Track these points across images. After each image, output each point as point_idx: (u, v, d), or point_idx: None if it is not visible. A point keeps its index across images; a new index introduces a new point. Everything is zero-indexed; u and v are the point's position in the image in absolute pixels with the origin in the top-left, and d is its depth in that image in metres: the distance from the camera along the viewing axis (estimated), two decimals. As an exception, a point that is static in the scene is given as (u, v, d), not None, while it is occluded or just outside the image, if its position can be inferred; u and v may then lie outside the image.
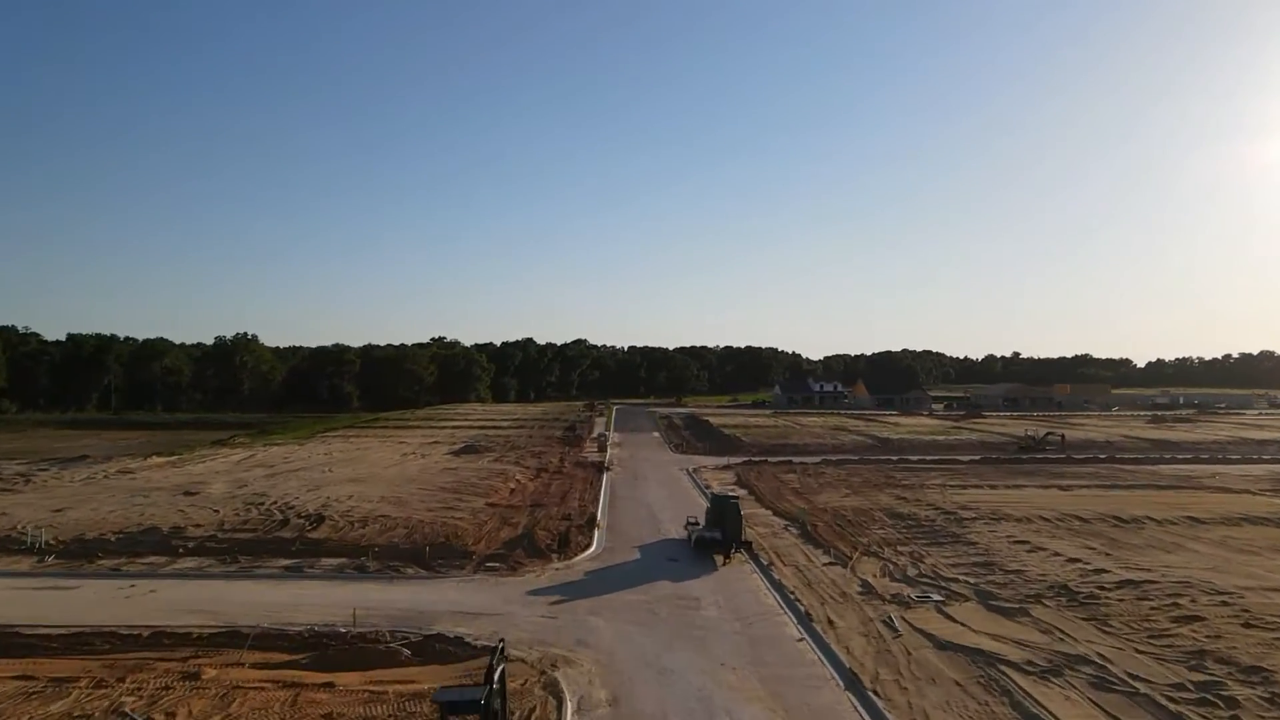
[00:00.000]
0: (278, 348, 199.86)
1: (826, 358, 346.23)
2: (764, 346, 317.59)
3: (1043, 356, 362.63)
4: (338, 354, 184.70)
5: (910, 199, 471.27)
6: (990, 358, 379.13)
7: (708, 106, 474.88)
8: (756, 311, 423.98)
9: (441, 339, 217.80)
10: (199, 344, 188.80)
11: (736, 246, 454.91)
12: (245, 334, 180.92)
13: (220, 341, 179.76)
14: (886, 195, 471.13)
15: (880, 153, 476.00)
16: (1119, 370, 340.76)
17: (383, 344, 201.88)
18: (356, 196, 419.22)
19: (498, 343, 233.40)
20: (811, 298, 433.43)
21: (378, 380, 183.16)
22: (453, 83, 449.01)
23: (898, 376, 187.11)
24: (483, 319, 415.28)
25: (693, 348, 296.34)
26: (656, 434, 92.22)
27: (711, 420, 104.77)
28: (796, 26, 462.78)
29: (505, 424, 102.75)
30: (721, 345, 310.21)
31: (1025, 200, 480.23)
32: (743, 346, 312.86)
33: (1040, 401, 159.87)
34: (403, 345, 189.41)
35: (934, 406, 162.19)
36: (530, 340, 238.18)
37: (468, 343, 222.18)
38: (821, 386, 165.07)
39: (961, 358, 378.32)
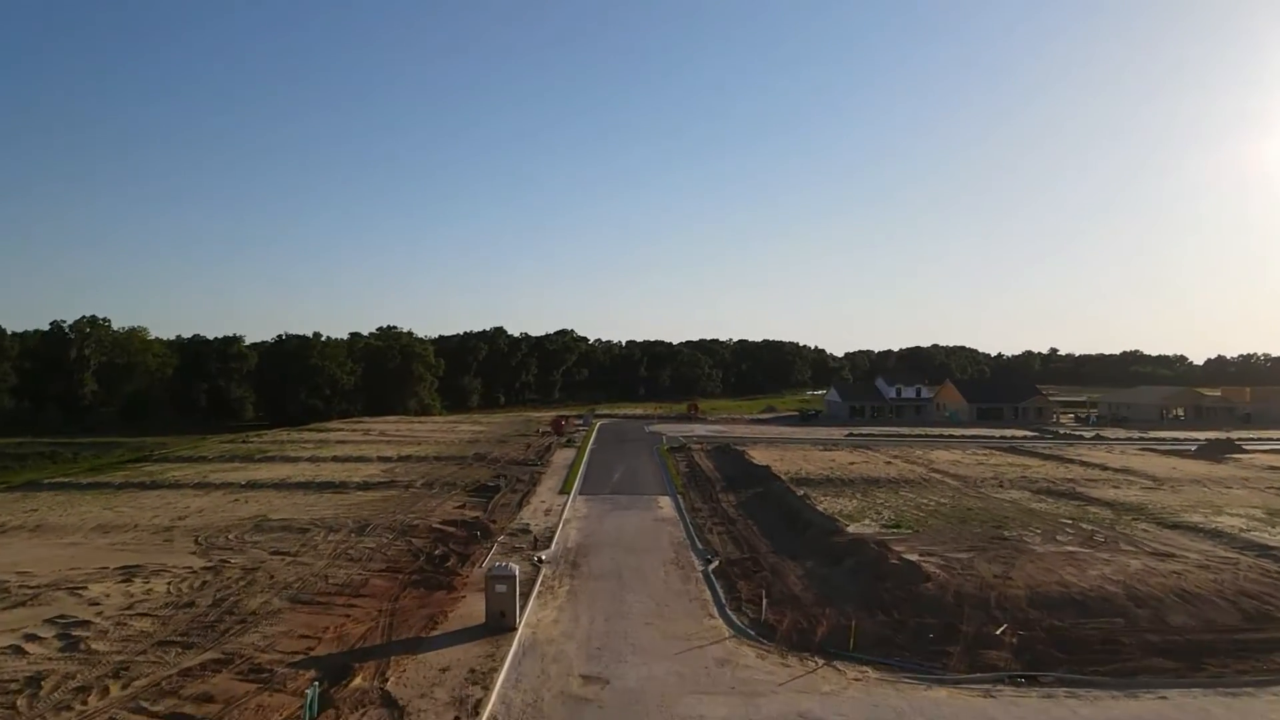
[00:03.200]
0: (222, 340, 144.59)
1: (849, 354, 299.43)
2: (785, 341, 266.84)
3: (1083, 353, 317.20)
4: (221, 346, 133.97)
5: (920, 189, 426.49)
6: (1028, 354, 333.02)
7: (708, 95, 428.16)
8: (764, 304, 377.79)
9: (392, 328, 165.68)
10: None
11: (738, 236, 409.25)
12: (94, 318, 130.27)
13: (57, 328, 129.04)
14: (894, 185, 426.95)
15: (884, 143, 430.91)
16: (1175, 368, 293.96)
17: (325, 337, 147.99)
18: (333, 189, 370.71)
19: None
20: (822, 290, 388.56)
21: (279, 381, 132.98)
22: (439, 77, 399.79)
23: (1004, 379, 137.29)
24: (473, 314, 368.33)
25: (702, 342, 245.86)
26: (665, 507, 41.77)
27: (773, 464, 54.43)
28: (803, 15, 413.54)
29: (366, 475, 52.13)
30: (734, 339, 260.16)
31: (1035, 191, 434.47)
32: (759, 341, 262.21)
33: (1214, 413, 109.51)
34: (315, 335, 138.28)
35: (1060, 419, 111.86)
36: (500, 330, 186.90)
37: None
38: (899, 390, 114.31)
39: (995, 355, 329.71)
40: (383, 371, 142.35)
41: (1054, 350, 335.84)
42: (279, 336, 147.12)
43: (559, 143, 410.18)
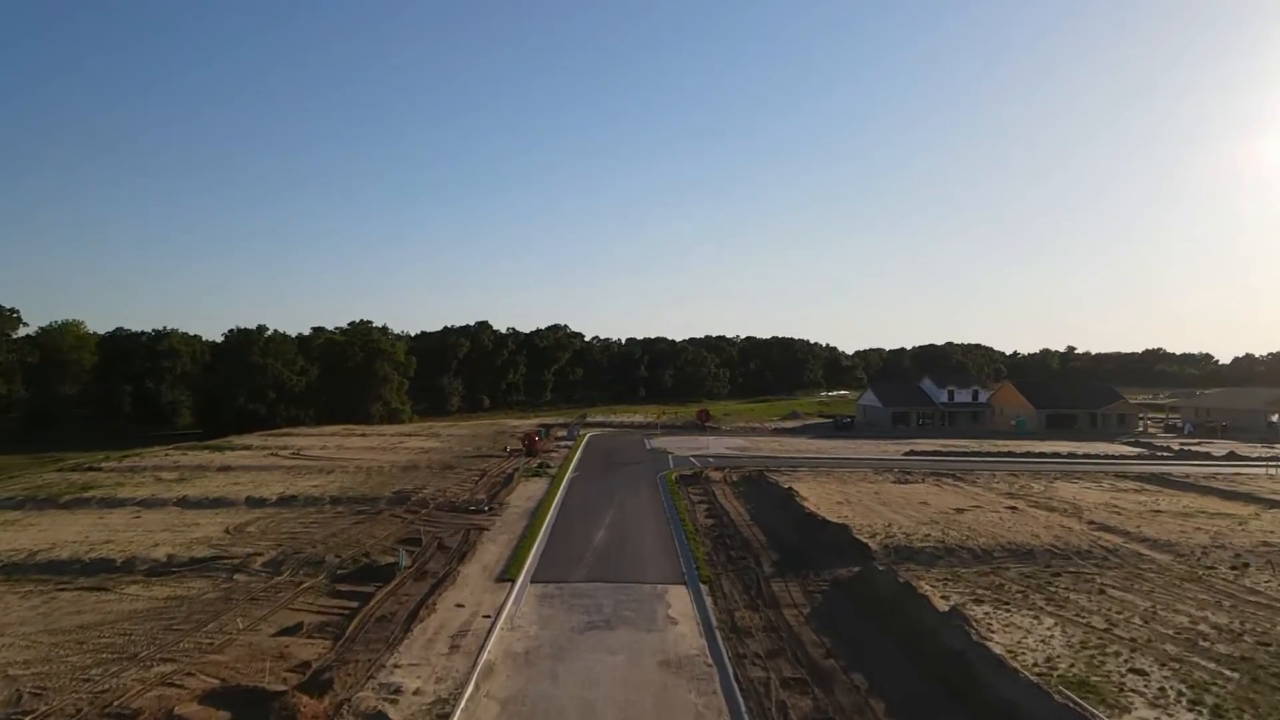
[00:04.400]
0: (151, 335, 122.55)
1: (859, 352, 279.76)
2: (795, 338, 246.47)
3: (1101, 351, 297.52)
4: (149, 342, 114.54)
5: (927, 184, 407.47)
6: (1046, 352, 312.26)
7: (707, 83, 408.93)
8: (770, 300, 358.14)
9: (364, 323, 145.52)
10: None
11: (741, 228, 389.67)
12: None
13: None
14: (900, 180, 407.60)
15: (888, 138, 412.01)
16: (1202, 368, 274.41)
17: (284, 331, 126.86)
18: (318, 183, 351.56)
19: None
20: (829, 286, 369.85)
21: (219, 383, 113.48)
22: (423, 63, 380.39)
23: (1072, 380, 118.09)
24: (459, 309, 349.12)
25: (707, 339, 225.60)
26: (680, 621, 21.62)
27: (847, 518, 34.97)
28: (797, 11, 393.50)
29: (189, 540, 32.40)
30: (741, 336, 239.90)
31: (1037, 188, 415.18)
32: (768, 338, 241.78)
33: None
34: (259, 329, 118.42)
35: (1148, 428, 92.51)
36: (484, 325, 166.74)
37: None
38: (951, 394, 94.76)
39: (1010, 353, 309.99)
40: (340, 371, 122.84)
41: (1071, 349, 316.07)
42: (229, 331, 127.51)
43: (552, 131, 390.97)
